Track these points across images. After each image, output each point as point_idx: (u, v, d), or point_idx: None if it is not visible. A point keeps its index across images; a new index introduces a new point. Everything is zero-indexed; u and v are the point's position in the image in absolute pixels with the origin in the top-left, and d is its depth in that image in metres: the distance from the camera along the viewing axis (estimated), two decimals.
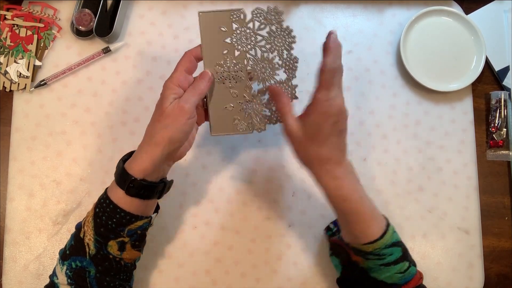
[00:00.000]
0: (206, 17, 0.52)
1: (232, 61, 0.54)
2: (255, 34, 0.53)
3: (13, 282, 0.66)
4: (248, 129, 0.56)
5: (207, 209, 0.69)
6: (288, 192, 0.71)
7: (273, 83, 0.55)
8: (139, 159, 0.52)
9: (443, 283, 0.69)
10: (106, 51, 0.71)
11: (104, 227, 0.51)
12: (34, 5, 0.72)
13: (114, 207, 0.51)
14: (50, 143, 0.70)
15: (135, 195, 0.51)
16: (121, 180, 0.51)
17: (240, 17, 0.52)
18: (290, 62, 0.55)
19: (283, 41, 0.53)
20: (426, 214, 0.71)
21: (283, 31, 0.53)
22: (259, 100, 0.56)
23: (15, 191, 0.68)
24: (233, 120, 0.56)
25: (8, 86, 0.70)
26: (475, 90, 0.76)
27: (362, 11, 0.77)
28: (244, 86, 0.55)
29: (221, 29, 0.53)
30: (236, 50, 0.54)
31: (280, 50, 0.54)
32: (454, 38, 0.76)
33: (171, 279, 0.67)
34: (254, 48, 0.54)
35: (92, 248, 0.51)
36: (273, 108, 0.56)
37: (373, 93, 0.74)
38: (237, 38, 0.53)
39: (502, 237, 0.72)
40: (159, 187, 0.54)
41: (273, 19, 0.53)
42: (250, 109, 0.56)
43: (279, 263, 0.69)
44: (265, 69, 0.55)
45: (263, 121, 0.56)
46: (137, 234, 0.54)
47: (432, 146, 0.73)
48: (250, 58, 0.54)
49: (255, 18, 0.53)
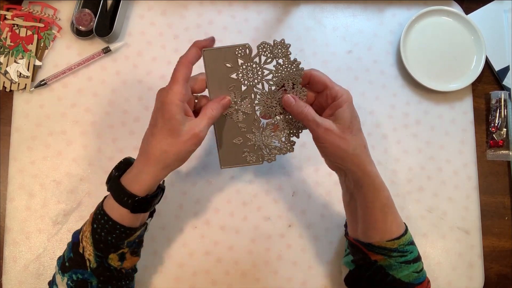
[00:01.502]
0: (210, 54, 0.51)
1: (239, 96, 0.53)
2: (262, 68, 0.53)
3: (13, 282, 0.66)
4: (258, 160, 0.55)
5: (207, 209, 0.69)
6: (288, 192, 0.71)
7: (279, 119, 0.54)
8: (144, 180, 0.50)
9: (443, 283, 0.69)
10: (106, 51, 0.71)
11: (103, 243, 0.51)
12: (34, 5, 0.72)
13: (114, 224, 0.50)
14: (50, 143, 0.70)
15: (139, 211, 0.51)
16: (123, 199, 0.50)
17: (245, 52, 0.51)
18: (298, 94, 0.53)
19: (291, 74, 0.53)
20: (426, 214, 0.71)
21: (291, 63, 0.52)
22: (268, 133, 0.55)
23: (15, 191, 0.68)
24: (242, 153, 0.55)
25: (8, 86, 0.70)
26: (475, 90, 0.76)
27: (362, 11, 0.77)
28: (252, 119, 0.54)
29: (227, 65, 0.52)
30: (243, 85, 0.53)
31: (288, 83, 0.53)
32: (454, 38, 0.76)
33: (171, 279, 0.67)
34: (261, 82, 0.53)
35: (93, 263, 0.51)
36: (283, 139, 0.55)
37: (373, 93, 0.74)
38: (243, 73, 0.52)
39: (502, 237, 0.72)
40: (157, 198, 0.54)
41: (279, 53, 0.52)
42: (259, 142, 0.55)
43: (279, 263, 0.69)
44: (272, 103, 0.54)
45: (273, 152, 0.55)
46: (135, 242, 0.54)
47: (432, 146, 0.73)
48: (258, 92, 0.53)
49: (261, 52, 0.52)
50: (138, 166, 0.51)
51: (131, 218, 0.51)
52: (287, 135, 0.55)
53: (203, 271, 0.68)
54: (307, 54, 0.75)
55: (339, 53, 0.75)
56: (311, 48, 0.75)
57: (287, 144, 0.55)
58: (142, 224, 0.54)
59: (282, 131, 0.55)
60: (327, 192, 0.71)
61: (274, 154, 0.56)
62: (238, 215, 0.70)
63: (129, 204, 0.50)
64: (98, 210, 0.52)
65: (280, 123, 0.55)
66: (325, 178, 0.71)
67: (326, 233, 0.70)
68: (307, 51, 0.75)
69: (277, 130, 0.55)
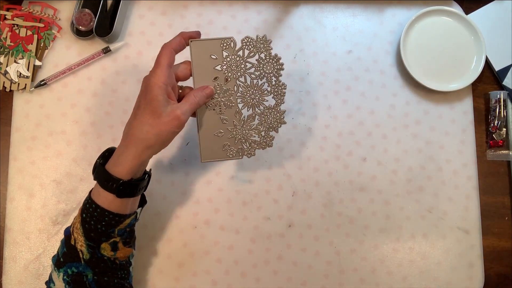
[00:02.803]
0: (197, 45, 0.54)
1: (222, 87, 0.55)
2: (245, 61, 0.55)
3: (13, 282, 0.66)
4: (238, 154, 0.57)
5: (207, 209, 0.69)
6: (288, 192, 0.71)
7: (262, 109, 0.57)
8: (126, 161, 0.50)
9: (443, 283, 0.69)
10: (106, 51, 0.71)
11: (94, 231, 0.51)
12: (34, 5, 0.72)
13: (102, 211, 0.51)
14: (50, 143, 0.70)
15: (124, 196, 0.51)
16: (108, 184, 0.50)
17: (230, 45, 0.54)
18: (278, 88, 0.56)
19: (272, 68, 0.56)
20: (426, 214, 0.71)
21: (272, 58, 0.55)
22: (249, 126, 0.57)
23: (15, 191, 0.68)
24: (222, 146, 0.57)
25: (8, 86, 0.70)
26: (475, 90, 0.76)
27: (362, 11, 0.77)
28: (234, 112, 0.56)
29: (212, 56, 0.54)
30: (226, 77, 0.55)
31: (269, 77, 0.56)
32: (454, 38, 0.76)
33: (171, 279, 0.67)
34: (244, 75, 0.55)
35: (86, 253, 0.51)
36: (262, 133, 0.57)
37: (373, 93, 0.74)
38: (227, 65, 0.55)
39: (502, 237, 0.72)
40: (144, 182, 0.54)
41: (262, 47, 0.55)
42: (239, 135, 0.57)
43: (279, 263, 0.69)
44: (254, 95, 0.56)
45: (253, 146, 0.58)
46: (126, 232, 0.54)
47: (432, 146, 0.73)
48: (240, 84, 0.56)
49: (245, 46, 0.55)
50: (120, 148, 0.52)
51: (118, 203, 0.51)
52: (267, 129, 0.57)
53: (203, 271, 0.68)
54: (307, 54, 0.75)
55: (339, 53, 0.75)
56: (311, 48, 0.75)
57: (267, 138, 0.58)
58: (132, 213, 0.54)
59: (261, 125, 0.57)
60: (327, 192, 0.71)
61: (254, 148, 0.58)
62: (238, 215, 0.69)
63: (114, 189, 0.50)
64: (86, 200, 0.52)
65: (260, 117, 0.57)
66: (325, 179, 0.71)
67: (326, 233, 0.70)
68: (307, 51, 0.75)
69: (257, 124, 0.57)
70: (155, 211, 0.69)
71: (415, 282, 0.69)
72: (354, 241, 0.70)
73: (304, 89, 0.74)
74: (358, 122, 0.73)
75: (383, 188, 0.72)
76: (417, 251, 0.70)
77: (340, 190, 0.71)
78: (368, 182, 0.71)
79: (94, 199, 0.52)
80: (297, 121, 0.73)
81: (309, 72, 0.74)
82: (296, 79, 0.74)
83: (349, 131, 0.73)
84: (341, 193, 0.71)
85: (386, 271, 0.70)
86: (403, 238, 0.71)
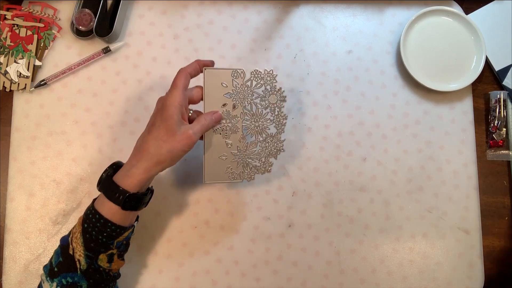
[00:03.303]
0: (210, 73, 0.58)
1: (230, 114, 0.59)
2: (252, 91, 0.60)
3: (13, 282, 0.66)
4: (238, 178, 0.61)
5: (207, 209, 0.69)
6: (288, 192, 0.71)
7: (264, 136, 0.61)
8: (136, 175, 0.52)
9: (443, 283, 0.69)
10: (106, 51, 0.71)
11: (94, 242, 0.52)
12: (34, 5, 0.72)
13: (105, 221, 0.52)
14: (50, 143, 0.70)
15: (129, 208, 0.52)
16: (115, 196, 0.52)
17: (240, 75, 0.59)
18: (280, 118, 0.61)
19: (276, 99, 0.61)
20: (426, 214, 0.71)
21: (276, 91, 0.60)
22: (251, 152, 0.61)
23: (15, 191, 0.68)
24: (225, 169, 0.60)
25: (8, 86, 0.70)
26: (475, 90, 0.76)
27: (362, 11, 0.77)
28: (239, 137, 0.60)
29: (222, 84, 0.59)
30: (234, 105, 0.59)
31: (273, 107, 0.61)
32: (454, 38, 0.76)
33: (171, 279, 0.67)
34: (250, 104, 0.60)
35: (84, 264, 0.52)
36: (262, 159, 0.61)
37: (373, 93, 0.74)
38: (236, 93, 0.59)
39: (502, 237, 0.72)
40: (148, 197, 0.56)
41: (268, 81, 0.60)
42: (242, 159, 0.61)
43: (279, 263, 0.69)
44: (258, 123, 0.61)
45: (253, 171, 0.61)
46: (123, 244, 0.55)
47: (432, 146, 0.73)
48: (246, 112, 0.60)
49: (253, 78, 0.60)
50: (131, 161, 0.53)
51: (121, 215, 0.53)
52: (267, 155, 0.61)
53: (203, 271, 0.68)
54: (307, 54, 0.75)
55: (339, 53, 0.75)
56: (311, 48, 0.75)
57: (266, 164, 0.62)
58: (130, 226, 0.56)
59: (262, 151, 0.61)
60: (327, 192, 0.71)
61: (254, 173, 0.61)
62: (238, 215, 0.69)
63: (121, 200, 0.51)
64: (89, 210, 0.53)
65: (262, 144, 0.61)
66: (325, 178, 0.71)
67: (326, 233, 0.70)
68: (307, 51, 0.75)
69: (259, 151, 0.61)
70: (155, 211, 0.69)
71: (415, 282, 0.69)
72: (354, 241, 0.70)
73: (304, 89, 0.74)
74: (358, 122, 0.73)
75: (383, 188, 0.72)
76: (417, 251, 0.70)
77: (340, 190, 0.71)
78: (368, 182, 0.71)
79: (99, 209, 0.52)
80: (297, 121, 0.73)
81: (309, 72, 0.74)
82: (296, 79, 0.74)
83: (349, 131, 0.73)
84: (341, 193, 0.71)
85: (386, 271, 0.70)
86: (403, 238, 0.71)
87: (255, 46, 0.74)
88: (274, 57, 0.74)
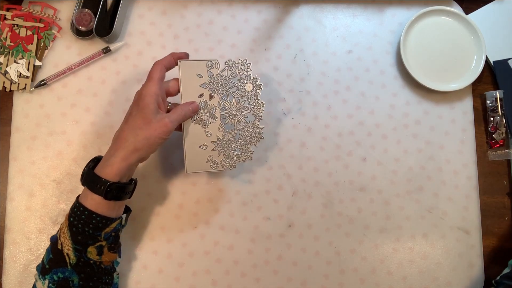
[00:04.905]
0: (185, 65, 0.60)
1: (207, 103, 0.60)
2: (228, 81, 0.61)
3: (13, 282, 0.66)
4: (220, 167, 0.62)
5: (207, 209, 0.69)
6: (288, 192, 0.71)
7: (243, 124, 0.62)
8: (114, 163, 0.53)
9: (443, 283, 0.69)
10: (106, 51, 0.71)
11: (81, 234, 0.52)
12: (34, 5, 0.72)
13: (90, 213, 0.52)
14: (50, 143, 0.70)
15: (112, 198, 0.53)
16: (96, 186, 0.52)
17: (214, 66, 0.60)
18: (257, 106, 0.62)
19: (251, 87, 0.61)
20: (426, 214, 0.71)
21: (252, 80, 0.61)
22: (230, 140, 0.61)
23: (15, 191, 0.68)
24: (206, 159, 0.61)
25: (8, 86, 0.70)
26: (475, 90, 0.76)
27: (362, 11, 0.77)
28: (218, 126, 0.61)
29: (198, 75, 0.60)
30: (211, 94, 0.61)
31: (249, 96, 0.61)
32: (454, 38, 0.76)
33: (171, 279, 0.67)
34: (227, 93, 0.61)
35: (73, 257, 0.52)
36: (243, 147, 0.62)
37: (373, 93, 0.74)
38: (212, 83, 0.60)
39: (502, 237, 0.72)
40: (130, 186, 0.57)
41: (242, 69, 0.61)
42: (222, 148, 0.61)
43: (279, 263, 0.69)
44: (235, 112, 0.61)
45: (234, 160, 0.62)
46: (112, 236, 0.55)
47: (432, 146, 0.73)
48: (223, 101, 0.61)
49: (228, 68, 0.61)
50: (109, 152, 0.55)
51: (105, 206, 0.53)
52: (247, 143, 0.62)
53: (203, 271, 0.68)
54: (307, 54, 0.75)
55: (339, 53, 0.75)
56: (311, 48, 0.75)
57: (247, 151, 0.62)
58: (118, 218, 0.56)
59: (242, 139, 0.62)
60: (327, 192, 0.71)
61: (235, 161, 0.62)
62: (238, 215, 0.70)
63: (102, 190, 0.52)
64: (74, 204, 0.54)
65: (241, 132, 0.62)
66: (325, 178, 0.71)
67: (326, 233, 0.70)
68: (307, 51, 0.75)
69: (238, 139, 0.62)
70: (155, 211, 0.69)
71: (415, 282, 0.69)
72: (354, 241, 0.70)
73: (304, 89, 0.74)
74: (358, 122, 0.73)
75: (383, 188, 0.72)
76: (417, 251, 0.70)
77: (340, 190, 0.71)
78: (368, 182, 0.71)
79: (82, 202, 0.53)
80: (297, 121, 0.73)
81: (309, 72, 0.74)
82: (296, 79, 0.74)
83: (349, 131, 0.73)
84: (341, 193, 0.71)
85: (386, 271, 0.70)
86: (403, 238, 0.71)
87: (255, 46, 0.74)
88: (274, 57, 0.74)
